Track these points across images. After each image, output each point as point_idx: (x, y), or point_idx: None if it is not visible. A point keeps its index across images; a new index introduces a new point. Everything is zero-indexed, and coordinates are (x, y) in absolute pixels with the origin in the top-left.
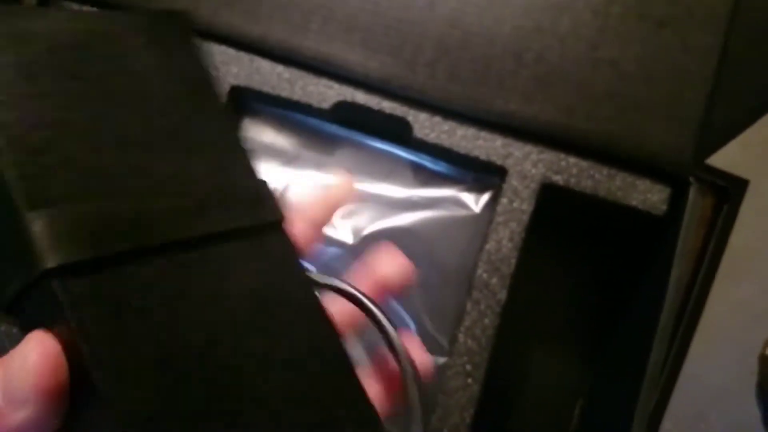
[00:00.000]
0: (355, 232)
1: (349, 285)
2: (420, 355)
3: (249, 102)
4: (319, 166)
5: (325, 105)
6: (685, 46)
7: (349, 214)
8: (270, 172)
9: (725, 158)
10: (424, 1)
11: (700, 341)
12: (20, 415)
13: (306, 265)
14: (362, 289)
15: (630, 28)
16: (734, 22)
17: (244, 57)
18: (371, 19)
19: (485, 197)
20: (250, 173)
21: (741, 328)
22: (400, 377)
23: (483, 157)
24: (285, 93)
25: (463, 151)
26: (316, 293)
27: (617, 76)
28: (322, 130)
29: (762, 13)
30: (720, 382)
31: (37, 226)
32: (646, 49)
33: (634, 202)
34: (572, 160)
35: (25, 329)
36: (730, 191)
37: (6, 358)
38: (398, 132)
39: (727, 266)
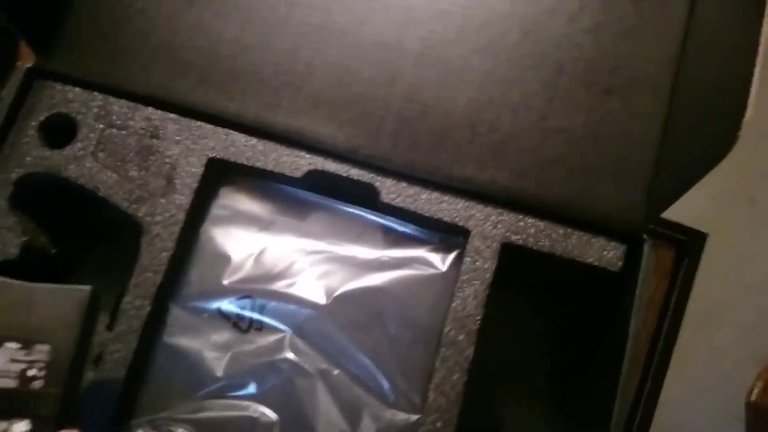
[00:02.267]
0: (328, 292)
1: None
2: None
3: (226, 173)
4: (293, 230)
5: (298, 174)
6: (631, 112)
7: (322, 275)
8: (247, 238)
9: (691, 209)
10: (385, 77)
11: (681, 390)
12: None
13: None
14: None
15: (577, 97)
16: (677, 86)
17: (220, 131)
18: (337, 95)
19: (451, 256)
20: None
21: (721, 375)
22: None
23: (447, 219)
24: (259, 164)
25: (427, 213)
26: None
27: (567, 142)
28: (296, 196)
29: (703, 75)
30: (703, 429)
31: None
32: (594, 116)
33: (590, 260)
34: (530, 220)
35: None
36: (688, 245)
37: None
38: (367, 197)
39: (701, 315)
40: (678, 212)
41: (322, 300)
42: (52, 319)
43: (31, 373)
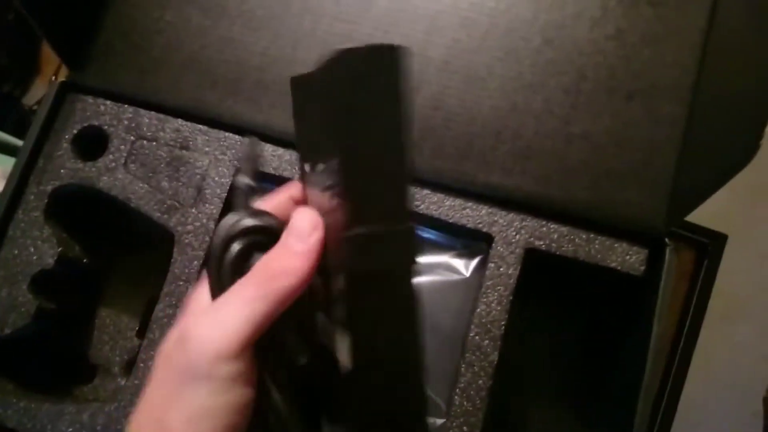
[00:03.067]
0: None
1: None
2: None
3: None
4: None
5: None
6: (653, 117)
7: None
8: None
9: (710, 208)
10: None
11: (700, 388)
12: (300, 247)
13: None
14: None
15: (600, 102)
16: (699, 92)
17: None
18: None
19: (474, 262)
20: None
21: (741, 371)
22: None
23: (470, 225)
24: (287, 173)
25: (451, 219)
26: None
27: (590, 148)
28: None
29: (725, 80)
30: (724, 427)
31: None
32: (616, 121)
33: (613, 264)
34: (553, 226)
35: None
36: (708, 246)
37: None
38: None
39: (721, 313)
40: (698, 211)
41: None
42: None
43: None
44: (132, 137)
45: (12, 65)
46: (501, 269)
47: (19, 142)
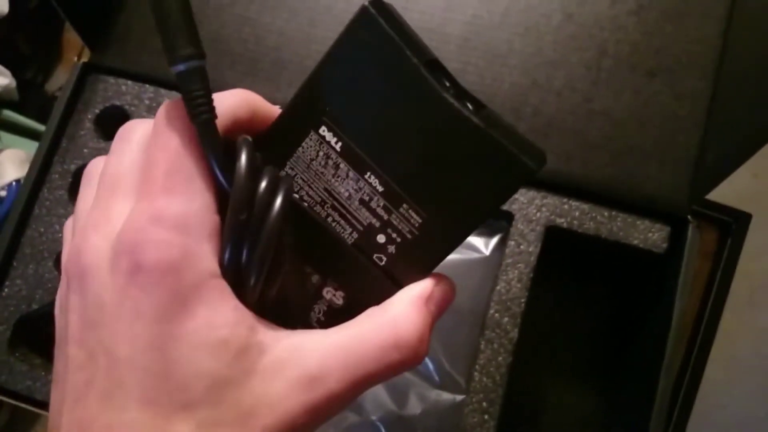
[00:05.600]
0: None
1: None
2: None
3: None
4: None
5: None
6: (676, 93)
7: None
8: None
9: (734, 188)
10: None
11: (723, 371)
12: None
13: None
14: None
15: (622, 79)
16: (722, 67)
17: None
18: None
19: (494, 240)
20: None
21: (763, 356)
22: None
23: None
24: None
25: None
26: None
27: (611, 125)
28: None
29: (749, 55)
30: (746, 411)
31: None
32: (638, 97)
33: (635, 242)
34: (574, 203)
35: None
36: (732, 225)
37: None
38: None
39: (744, 296)
40: (721, 192)
41: None
42: None
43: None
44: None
45: (34, 52)
46: (521, 247)
47: (42, 127)
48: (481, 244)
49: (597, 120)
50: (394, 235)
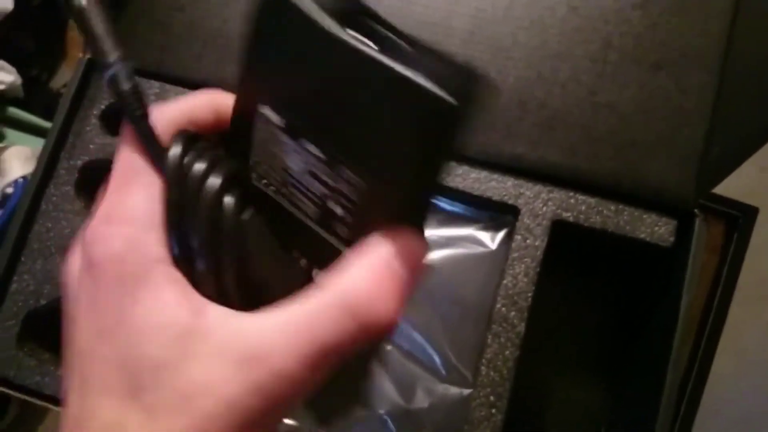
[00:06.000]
0: None
1: None
2: None
3: None
4: None
5: None
6: (681, 86)
7: None
8: None
9: (740, 182)
10: None
11: (731, 365)
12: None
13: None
14: None
15: (627, 72)
16: (728, 60)
17: None
18: None
19: (500, 235)
20: None
21: None
22: None
23: (496, 197)
24: None
25: (477, 192)
26: None
27: (617, 118)
28: None
29: (755, 48)
30: (753, 405)
31: None
32: (643, 91)
33: (642, 236)
34: (580, 197)
35: None
36: (739, 219)
37: None
38: None
39: (751, 290)
40: (727, 186)
41: None
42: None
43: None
44: None
45: (39, 50)
46: (527, 241)
47: (48, 124)
48: (487, 239)
49: (602, 113)
50: (344, 202)
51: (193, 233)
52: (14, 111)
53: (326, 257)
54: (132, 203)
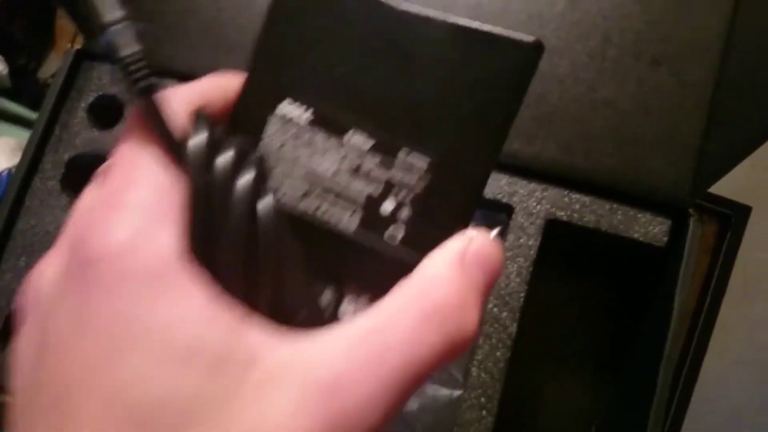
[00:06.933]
0: None
1: None
2: None
3: None
4: None
5: None
6: (680, 82)
7: None
8: None
9: (733, 182)
10: None
11: (718, 363)
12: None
13: None
14: None
15: (626, 68)
16: (727, 57)
17: None
18: None
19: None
20: None
21: (761, 348)
22: None
23: (489, 195)
24: None
25: None
26: None
27: (615, 115)
28: None
29: (755, 45)
30: (741, 402)
31: None
32: (642, 87)
33: (636, 235)
34: (575, 196)
35: None
36: (732, 218)
37: None
38: None
39: (741, 289)
40: (720, 184)
41: None
42: None
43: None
44: None
45: (27, 39)
46: (521, 240)
47: (34, 115)
48: None
49: (600, 110)
50: (402, 194)
51: (223, 238)
52: (0, 101)
53: (376, 273)
54: (137, 192)
